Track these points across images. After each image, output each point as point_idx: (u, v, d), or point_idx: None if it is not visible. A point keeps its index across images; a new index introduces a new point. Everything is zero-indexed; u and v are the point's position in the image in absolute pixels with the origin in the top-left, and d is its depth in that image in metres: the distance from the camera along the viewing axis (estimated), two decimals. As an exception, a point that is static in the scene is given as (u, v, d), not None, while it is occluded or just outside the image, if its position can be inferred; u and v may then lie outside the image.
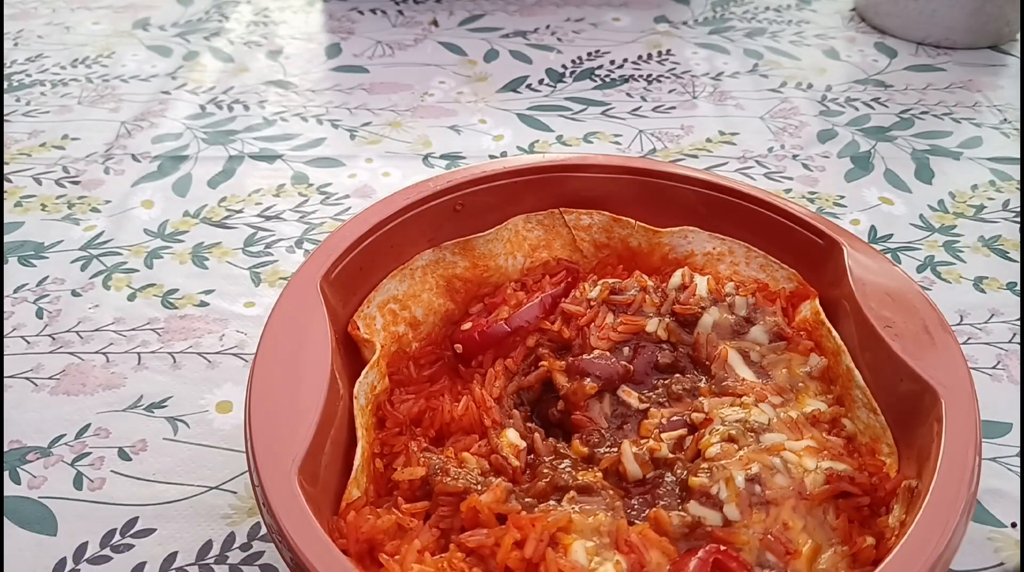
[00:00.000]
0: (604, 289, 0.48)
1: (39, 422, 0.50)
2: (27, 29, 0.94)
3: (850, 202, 0.70)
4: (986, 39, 0.92)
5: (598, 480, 0.40)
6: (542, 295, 0.49)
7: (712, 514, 0.38)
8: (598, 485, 0.40)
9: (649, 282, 0.49)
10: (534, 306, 0.48)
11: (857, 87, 0.86)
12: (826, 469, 0.39)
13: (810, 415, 0.43)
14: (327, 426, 0.38)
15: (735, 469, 0.38)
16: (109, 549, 0.44)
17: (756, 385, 0.44)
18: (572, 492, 0.39)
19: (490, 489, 0.38)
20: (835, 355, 0.45)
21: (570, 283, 0.50)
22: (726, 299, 0.48)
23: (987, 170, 0.74)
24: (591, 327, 0.46)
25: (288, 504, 0.34)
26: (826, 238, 0.48)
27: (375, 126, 0.79)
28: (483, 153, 0.75)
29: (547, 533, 0.36)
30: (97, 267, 0.62)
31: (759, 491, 0.38)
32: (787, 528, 0.37)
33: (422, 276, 0.50)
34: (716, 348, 0.46)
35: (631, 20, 0.98)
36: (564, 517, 0.37)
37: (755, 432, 0.41)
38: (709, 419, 0.42)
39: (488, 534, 0.36)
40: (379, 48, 0.92)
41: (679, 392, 0.44)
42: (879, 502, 0.39)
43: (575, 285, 0.50)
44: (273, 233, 0.65)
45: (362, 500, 0.38)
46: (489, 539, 0.36)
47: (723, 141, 0.78)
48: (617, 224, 0.53)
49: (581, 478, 0.40)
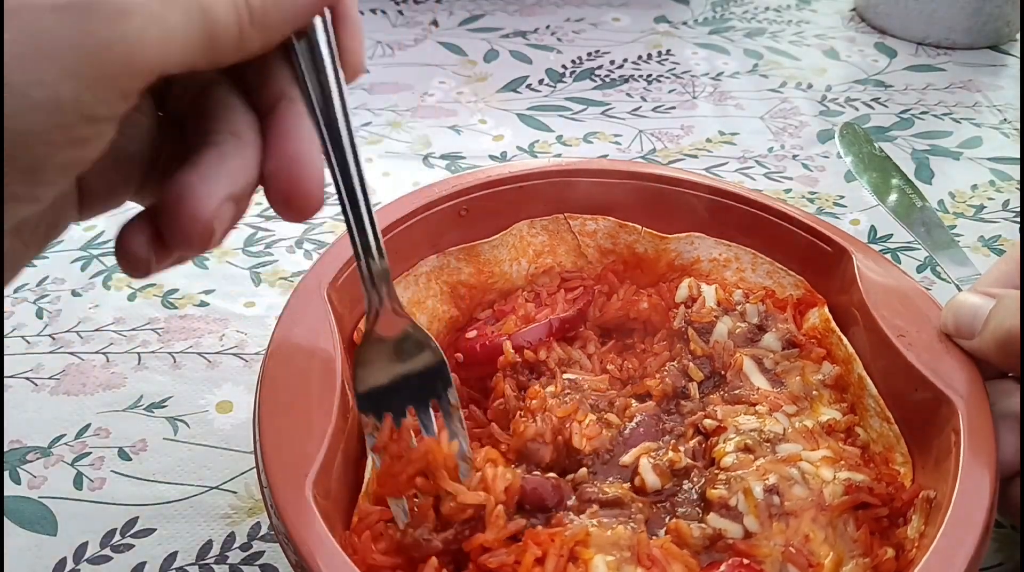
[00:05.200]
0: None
1: (39, 422, 0.50)
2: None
3: (850, 202, 0.70)
4: (986, 39, 0.92)
5: (626, 493, 0.40)
6: (551, 317, 0.48)
7: (733, 526, 0.37)
8: (627, 499, 0.39)
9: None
10: (540, 327, 0.47)
11: (857, 87, 0.86)
12: (844, 479, 0.39)
13: (825, 424, 0.43)
14: (338, 439, 0.38)
15: (752, 480, 0.38)
16: (109, 549, 0.44)
17: (770, 393, 0.44)
18: (595, 506, 0.39)
19: (491, 524, 0.37)
20: (846, 363, 0.45)
21: (586, 305, 0.50)
22: (736, 308, 0.48)
23: (987, 170, 0.74)
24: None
25: (304, 522, 0.33)
26: (834, 245, 0.48)
27: (375, 126, 0.79)
28: (483, 153, 0.75)
29: (567, 548, 0.36)
30: (97, 267, 0.61)
31: (777, 502, 0.38)
32: (808, 540, 0.37)
33: (427, 282, 0.49)
34: (732, 355, 0.46)
35: (631, 20, 0.98)
36: (582, 531, 0.36)
37: (770, 442, 0.41)
38: (723, 427, 0.42)
39: (508, 552, 0.36)
40: (379, 48, 0.91)
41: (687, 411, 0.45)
42: (896, 512, 0.39)
43: (591, 305, 0.50)
44: (273, 233, 0.65)
45: (374, 516, 0.38)
46: (509, 557, 0.36)
47: (723, 141, 0.78)
48: (623, 230, 0.52)
49: (610, 492, 0.39)
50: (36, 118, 0.23)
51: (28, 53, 0.23)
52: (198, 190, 0.27)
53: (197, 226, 0.27)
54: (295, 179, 0.29)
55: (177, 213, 0.27)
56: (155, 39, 0.24)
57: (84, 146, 0.25)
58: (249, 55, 0.28)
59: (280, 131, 0.30)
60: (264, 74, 0.30)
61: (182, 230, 0.27)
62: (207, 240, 0.28)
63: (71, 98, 0.23)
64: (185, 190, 0.27)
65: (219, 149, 0.28)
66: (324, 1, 0.30)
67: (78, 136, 0.24)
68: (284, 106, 0.30)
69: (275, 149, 0.30)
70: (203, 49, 0.26)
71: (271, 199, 0.30)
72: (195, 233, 0.27)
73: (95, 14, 0.23)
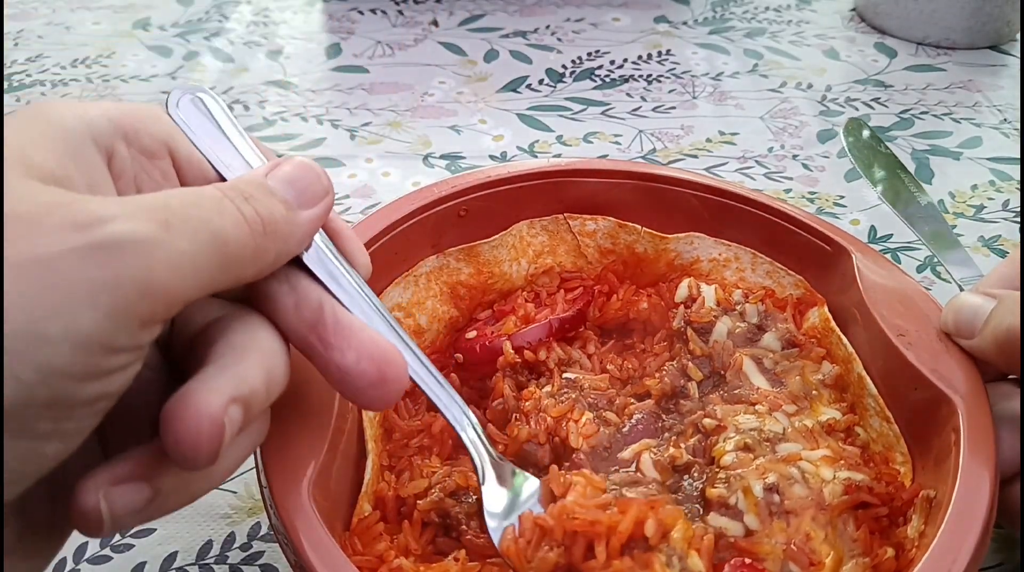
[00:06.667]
0: None
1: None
2: (27, 29, 0.94)
3: (850, 202, 0.70)
4: (986, 39, 0.92)
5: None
6: (551, 317, 0.48)
7: (733, 524, 0.37)
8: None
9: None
10: (540, 328, 0.47)
11: (857, 87, 0.86)
12: (844, 479, 0.39)
13: (825, 424, 0.43)
14: (338, 439, 0.38)
15: (752, 479, 0.38)
16: (109, 549, 0.44)
17: (770, 393, 0.44)
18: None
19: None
20: (846, 363, 0.45)
21: (586, 305, 0.50)
22: (736, 308, 0.48)
23: (987, 170, 0.74)
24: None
25: (304, 522, 0.33)
26: (834, 244, 0.48)
27: (375, 126, 0.79)
28: (483, 153, 0.75)
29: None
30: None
31: (777, 501, 0.38)
32: (809, 539, 0.37)
33: (426, 283, 0.49)
34: (732, 355, 0.46)
35: (631, 20, 0.98)
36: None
37: (770, 441, 0.41)
38: (722, 426, 0.42)
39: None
40: (379, 48, 0.91)
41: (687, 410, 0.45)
42: (896, 512, 0.39)
43: (591, 305, 0.50)
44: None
45: (374, 516, 0.38)
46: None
47: (723, 141, 0.78)
48: (623, 230, 0.52)
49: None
50: (54, 351, 0.23)
51: (37, 291, 0.23)
52: (200, 389, 0.26)
53: (204, 423, 0.25)
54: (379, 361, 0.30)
55: (179, 412, 0.25)
56: (164, 263, 0.24)
57: (109, 379, 0.25)
58: (266, 266, 0.29)
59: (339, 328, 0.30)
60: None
61: (187, 430, 0.25)
62: (215, 444, 0.26)
63: (89, 328, 0.23)
64: (185, 391, 0.26)
65: (219, 361, 0.28)
66: (326, 206, 0.31)
67: (101, 368, 0.24)
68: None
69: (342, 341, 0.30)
70: (220, 267, 0.26)
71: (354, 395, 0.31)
72: (203, 433, 0.25)
73: (103, 250, 0.23)
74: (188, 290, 0.25)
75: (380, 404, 0.31)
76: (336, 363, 0.29)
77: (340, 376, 0.30)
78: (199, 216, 0.26)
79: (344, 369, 0.29)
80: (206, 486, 0.29)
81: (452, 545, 0.39)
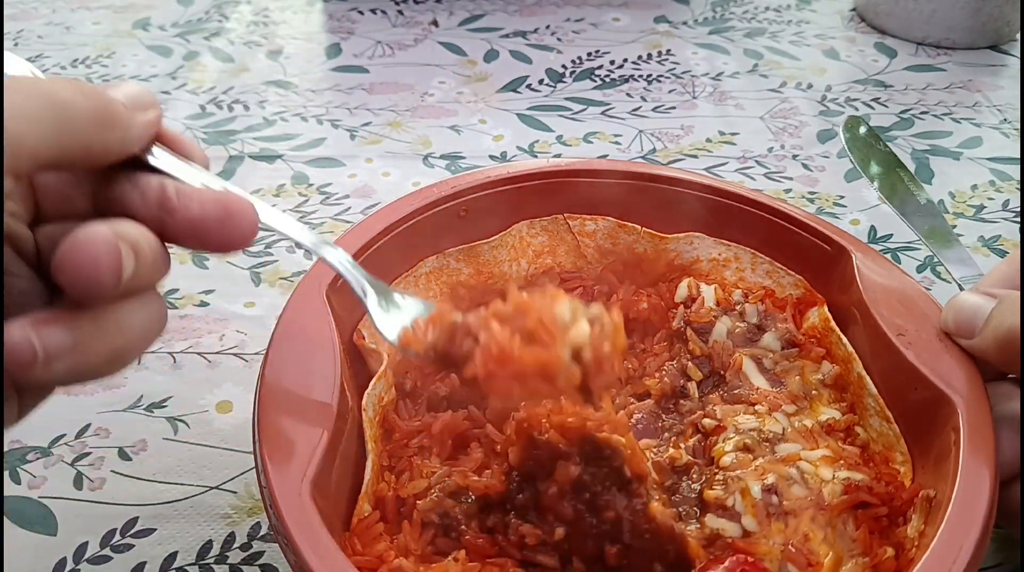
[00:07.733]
0: None
1: (39, 422, 0.49)
2: (27, 29, 0.94)
3: (850, 202, 0.70)
4: (986, 39, 0.92)
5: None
6: None
7: (730, 525, 0.37)
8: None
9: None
10: None
11: (857, 87, 0.86)
12: (843, 479, 0.39)
13: (825, 424, 0.43)
14: (337, 439, 0.38)
15: (751, 480, 0.38)
16: (109, 549, 0.44)
17: (769, 393, 0.44)
18: None
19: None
20: (846, 363, 0.45)
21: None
22: (736, 308, 0.48)
23: (987, 170, 0.74)
24: None
25: (303, 522, 0.33)
26: (834, 244, 0.48)
27: (375, 126, 0.79)
28: (483, 153, 0.75)
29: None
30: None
31: (776, 501, 0.38)
32: (807, 539, 0.37)
33: (426, 283, 0.49)
34: (731, 355, 0.46)
35: (631, 20, 0.98)
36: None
37: (770, 441, 0.41)
38: (722, 426, 0.42)
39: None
40: (379, 48, 0.91)
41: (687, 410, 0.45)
42: (896, 512, 0.39)
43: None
44: (273, 233, 0.65)
45: (374, 517, 0.38)
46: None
47: (723, 141, 0.78)
48: (622, 230, 0.52)
49: None
50: None
51: None
52: (86, 226, 0.27)
53: (99, 245, 0.26)
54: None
55: (71, 244, 0.26)
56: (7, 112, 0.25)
57: None
58: (112, 145, 0.29)
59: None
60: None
61: (85, 254, 0.26)
62: (115, 264, 0.27)
63: None
64: (74, 230, 0.27)
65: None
66: (157, 113, 0.32)
67: None
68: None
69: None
70: (55, 121, 0.27)
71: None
72: (100, 254, 0.26)
73: None
74: (31, 141, 0.26)
75: (233, 241, 0.31)
76: (184, 219, 0.30)
77: (191, 230, 0.30)
78: (37, 81, 0.27)
79: (191, 221, 0.30)
80: (121, 341, 0.29)
81: (452, 545, 0.38)
